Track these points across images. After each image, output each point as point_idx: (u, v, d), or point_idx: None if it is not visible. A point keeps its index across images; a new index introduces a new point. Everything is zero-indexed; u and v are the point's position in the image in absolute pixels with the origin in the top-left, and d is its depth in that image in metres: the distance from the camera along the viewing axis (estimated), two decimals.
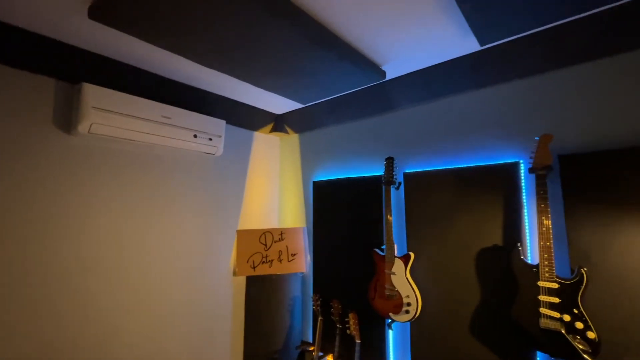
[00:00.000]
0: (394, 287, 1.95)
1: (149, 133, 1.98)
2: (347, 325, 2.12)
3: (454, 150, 2.00)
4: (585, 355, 1.34)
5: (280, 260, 2.51)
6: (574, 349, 1.37)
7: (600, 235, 1.47)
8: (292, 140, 3.03)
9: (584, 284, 1.40)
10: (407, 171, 2.16)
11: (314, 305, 2.39)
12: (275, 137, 3.12)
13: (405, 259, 1.96)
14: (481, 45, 1.64)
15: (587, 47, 1.56)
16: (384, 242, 2.04)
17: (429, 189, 2.04)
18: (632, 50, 1.49)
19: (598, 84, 1.57)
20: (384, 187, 2.11)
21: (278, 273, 2.47)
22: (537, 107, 1.73)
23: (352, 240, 2.38)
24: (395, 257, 1.99)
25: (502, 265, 1.69)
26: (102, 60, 1.84)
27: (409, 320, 1.92)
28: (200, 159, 2.46)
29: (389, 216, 2.04)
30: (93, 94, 1.75)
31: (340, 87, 2.12)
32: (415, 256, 1.97)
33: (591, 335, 1.35)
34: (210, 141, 2.29)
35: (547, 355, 1.52)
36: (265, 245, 2.51)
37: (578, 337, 1.38)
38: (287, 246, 2.55)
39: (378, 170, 2.30)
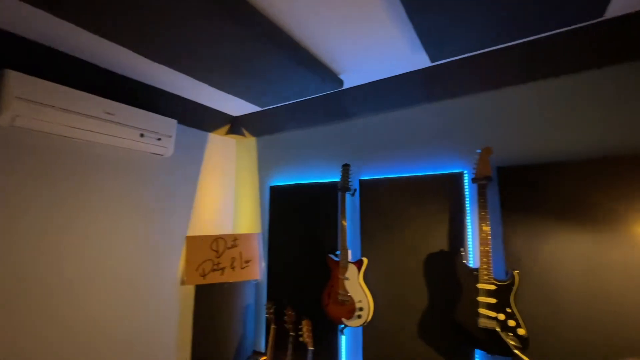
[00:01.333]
0: (347, 293, 1.98)
1: (89, 130, 1.81)
2: (300, 333, 2.09)
3: (406, 159, 2.09)
4: (515, 351, 1.46)
5: (233, 268, 2.41)
6: (507, 345, 1.49)
7: (531, 240, 1.63)
8: (249, 143, 2.95)
9: (516, 285, 1.53)
10: (362, 178, 2.21)
11: (267, 313, 2.33)
12: (232, 140, 3.02)
13: (358, 264, 1.99)
14: (432, 61, 1.74)
15: (522, 71, 1.73)
16: (339, 247, 2.07)
17: (382, 196, 2.10)
18: (558, 76, 1.68)
19: (531, 104, 1.74)
20: (339, 193, 2.14)
21: (230, 281, 2.37)
22: (480, 122, 1.87)
23: (307, 246, 2.37)
24: (349, 262, 2.02)
25: (447, 269, 1.79)
26: (31, 45, 1.64)
27: (361, 325, 1.95)
28: (147, 160, 2.30)
29: (343, 222, 2.06)
30: (17, 83, 1.55)
31: (299, 92, 2.12)
32: (368, 261, 2.02)
33: (521, 331, 1.48)
34: (159, 141, 2.15)
35: (484, 353, 1.63)
36: (217, 252, 2.40)
37: (510, 334, 1.50)
38: (240, 253, 2.46)
39: (334, 177, 2.32)
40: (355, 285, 1.97)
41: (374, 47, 1.69)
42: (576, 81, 1.64)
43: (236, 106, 2.53)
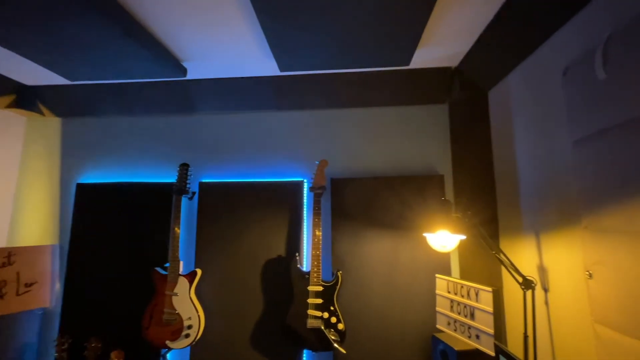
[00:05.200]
0: (175, 310, 1.73)
1: None
2: None
3: (251, 164, 2.05)
4: (335, 344, 1.63)
5: (3, 296, 1.72)
6: (329, 340, 1.64)
7: (353, 243, 1.87)
8: (48, 124, 2.22)
9: (339, 284, 1.71)
10: (203, 181, 2.02)
11: (57, 351, 1.76)
12: (19, 117, 2.19)
13: (190, 276, 1.78)
14: (281, 70, 1.78)
15: (354, 96, 1.99)
16: (169, 259, 1.79)
17: (224, 200, 1.97)
18: (379, 106, 2.02)
19: (360, 126, 2.03)
20: (174, 196, 1.87)
21: None
22: (320, 136, 2.04)
23: (128, 260, 1.96)
24: (179, 275, 1.77)
25: (283, 275, 1.83)
26: None
27: (189, 345, 1.74)
28: None
29: (176, 229, 1.81)
30: None
31: (127, 71, 1.74)
32: (203, 272, 1.83)
33: (341, 326, 1.66)
34: None
35: (310, 351, 1.75)
36: None
37: (332, 330, 1.66)
38: (18, 273, 1.78)
39: (169, 177, 2.02)
40: (185, 300, 1.75)
41: (224, 41, 1.57)
42: (391, 113, 2.02)
43: (29, 72, 1.86)
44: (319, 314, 1.66)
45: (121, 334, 1.83)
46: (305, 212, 1.97)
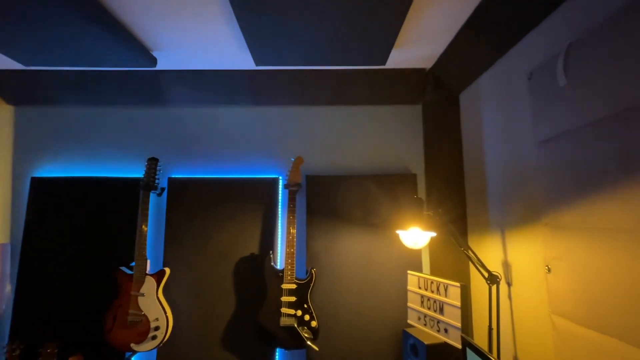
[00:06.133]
0: (141, 312, 1.65)
1: None
2: None
3: (224, 159, 1.99)
4: (308, 342, 1.62)
5: None
6: (302, 338, 1.63)
7: (328, 240, 1.87)
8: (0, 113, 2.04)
9: (313, 281, 1.71)
10: (173, 176, 1.94)
11: (7, 358, 1.62)
12: None
13: (158, 276, 1.71)
14: (256, 65, 1.73)
15: (331, 94, 1.99)
16: (135, 258, 1.70)
17: (195, 197, 1.91)
18: (355, 105, 2.03)
19: (336, 125, 2.03)
20: (142, 192, 1.78)
21: None
22: (296, 132, 2.02)
23: (88, 258, 1.84)
24: (146, 275, 1.69)
25: (256, 273, 1.80)
26: None
27: (155, 347, 1.67)
28: None
29: (144, 226, 1.73)
30: None
31: (90, 58, 1.63)
32: (172, 271, 1.76)
33: (314, 324, 1.66)
34: None
35: (283, 350, 1.73)
36: None
37: (305, 327, 1.65)
38: None
39: (136, 172, 1.92)
40: (152, 301, 1.68)
41: (197, 31, 1.50)
42: (366, 112, 2.03)
43: None
44: (292, 311, 1.65)
45: (80, 338, 1.73)
46: (280, 209, 1.94)
